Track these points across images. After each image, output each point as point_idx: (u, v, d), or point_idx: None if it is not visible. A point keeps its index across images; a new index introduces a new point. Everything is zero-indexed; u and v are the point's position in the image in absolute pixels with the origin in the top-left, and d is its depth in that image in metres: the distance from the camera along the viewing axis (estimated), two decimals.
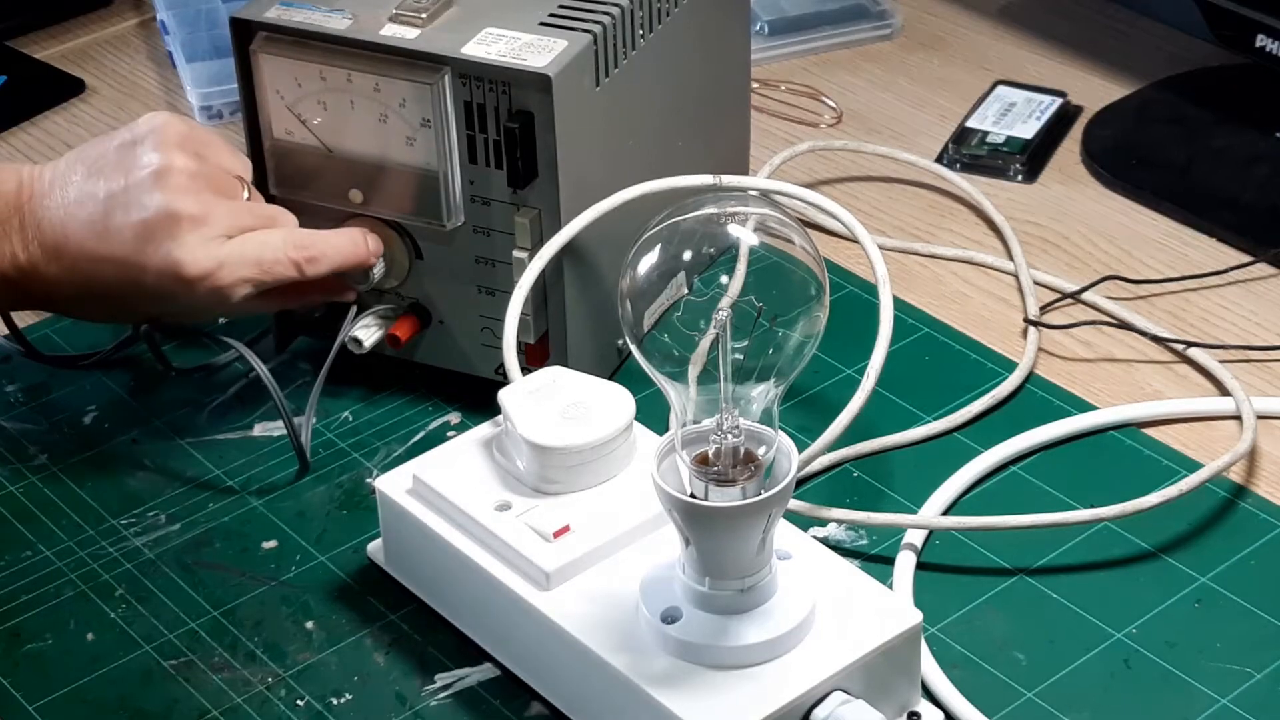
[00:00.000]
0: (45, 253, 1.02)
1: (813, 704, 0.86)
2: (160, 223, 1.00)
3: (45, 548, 1.03)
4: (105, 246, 1.01)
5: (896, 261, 1.22)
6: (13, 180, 1.03)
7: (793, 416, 1.08)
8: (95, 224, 1.01)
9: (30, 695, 0.94)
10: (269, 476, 1.07)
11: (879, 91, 1.40)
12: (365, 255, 1.06)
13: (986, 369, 1.13)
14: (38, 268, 1.02)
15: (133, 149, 1.02)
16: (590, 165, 1.05)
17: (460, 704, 0.94)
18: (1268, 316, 1.17)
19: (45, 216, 1.02)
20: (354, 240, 1.06)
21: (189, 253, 1.00)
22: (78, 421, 1.11)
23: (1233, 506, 1.03)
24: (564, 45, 1.02)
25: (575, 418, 0.95)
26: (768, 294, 0.85)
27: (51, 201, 1.02)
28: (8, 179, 1.03)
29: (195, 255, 1.00)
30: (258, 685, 0.95)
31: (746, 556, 0.86)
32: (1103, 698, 0.93)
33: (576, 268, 1.06)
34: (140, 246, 1.00)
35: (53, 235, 1.01)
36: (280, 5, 1.06)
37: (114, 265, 1.01)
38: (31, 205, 1.02)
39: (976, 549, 1.01)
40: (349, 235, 1.06)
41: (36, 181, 1.03)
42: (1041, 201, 1.28)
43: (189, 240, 1.00)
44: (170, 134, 1.03)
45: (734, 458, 0.85)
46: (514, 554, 0.92)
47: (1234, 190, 1.27)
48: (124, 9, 1.53)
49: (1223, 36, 1.31)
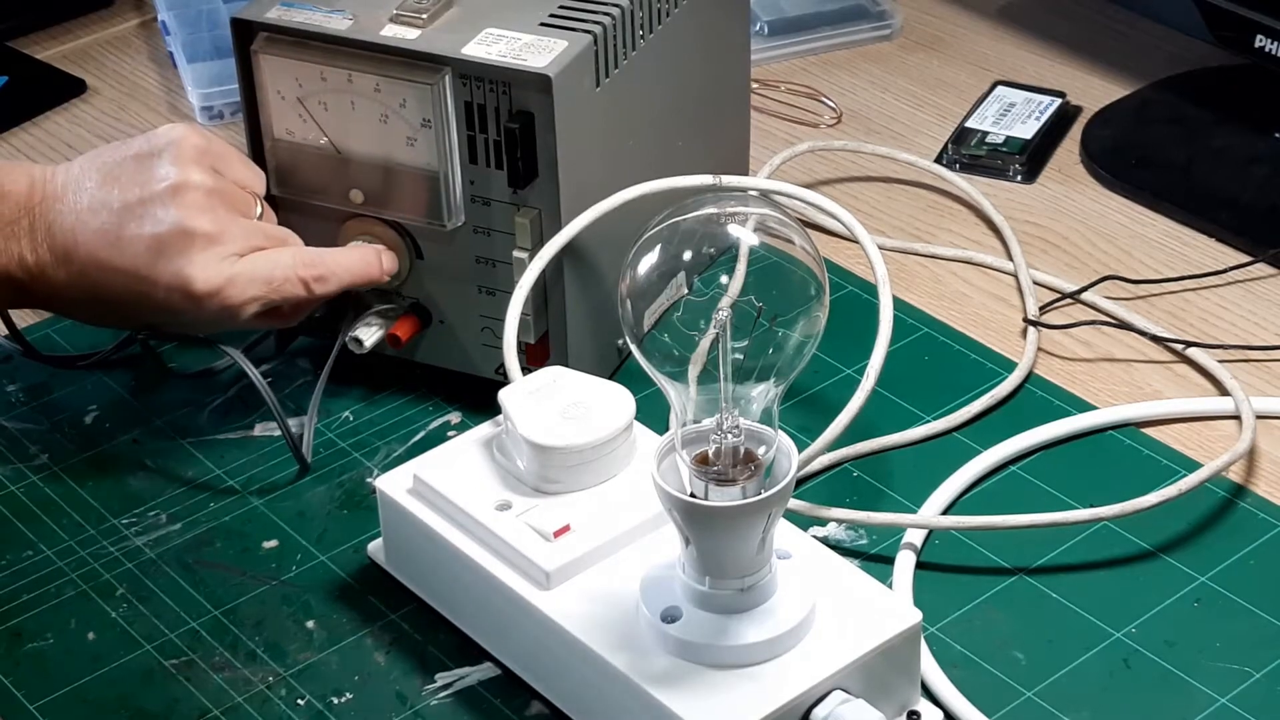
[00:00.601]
0: (54, 256, 1.02)
1: (812, 703, 0.87)
2: (173, 239, 1.01)
3: (46, 547, 1.03)
4: (117, 256, 1.01)
5: (896, 261, 1.22)
6: (24, 181, 1.03)
7: (793, 416, 1.08)
8: (108, 233, 1.01)
9: (31, 694, 0.95)
10: (270, 476, 1.07)
11: (878, 92, 1.40)
12: (378, 274, 1.06)
13: (986, 369, 1.13)
14: (45, 271, 1.02)
15: (150, 161, 1.02)
16: (590, 165, 1.05)
17: (460, 703, 0.94)
18: (1267, 316, 1.17)
19: (56, 220, 1.02)
20: (365, 259, 1.06)
21: (200, 270, 1.01)
22: (79, 421, 1.11)
23: (1232, 506, 1.03)
24: (564, 45, 1.02)
25: (575, 418, 0.95)
26: (768, 294, 0.85)
27: (64, 206, 1.02)
28: (19, 179, 1.03)
29: (206, 273, 1.01)
30: (258, 685, 0.95)
31: (746, 556, 0.86)
32: (1102, 697, 0.93)
33: (577, 268, 1.06)
34: (152, 260, 1.01)
35: (63, 240, 1.02)
36: (281, 6, 1.06)
37: (124, 276, 1.01)
38: (43, 208, 1.02)
39: (976, 549, 1.01)
40: (359, 254, 1.06)
41: (48, 183, 1.03)
42: (1041, 202, 1.28)
43: (200, 258, 1.01)
44: (188, 148, 1.03)
45: (734, 457, 0.85)
46: (514, 553, 0.92)
47: (1233, 190, 1.27)
48: (125, 9, 1.53)
49: (1222, 37, 1.31)
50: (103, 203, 1.01)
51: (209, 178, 1.02)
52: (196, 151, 1.03)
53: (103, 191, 1.02)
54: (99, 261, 1.01)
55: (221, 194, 1.02)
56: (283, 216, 1.08)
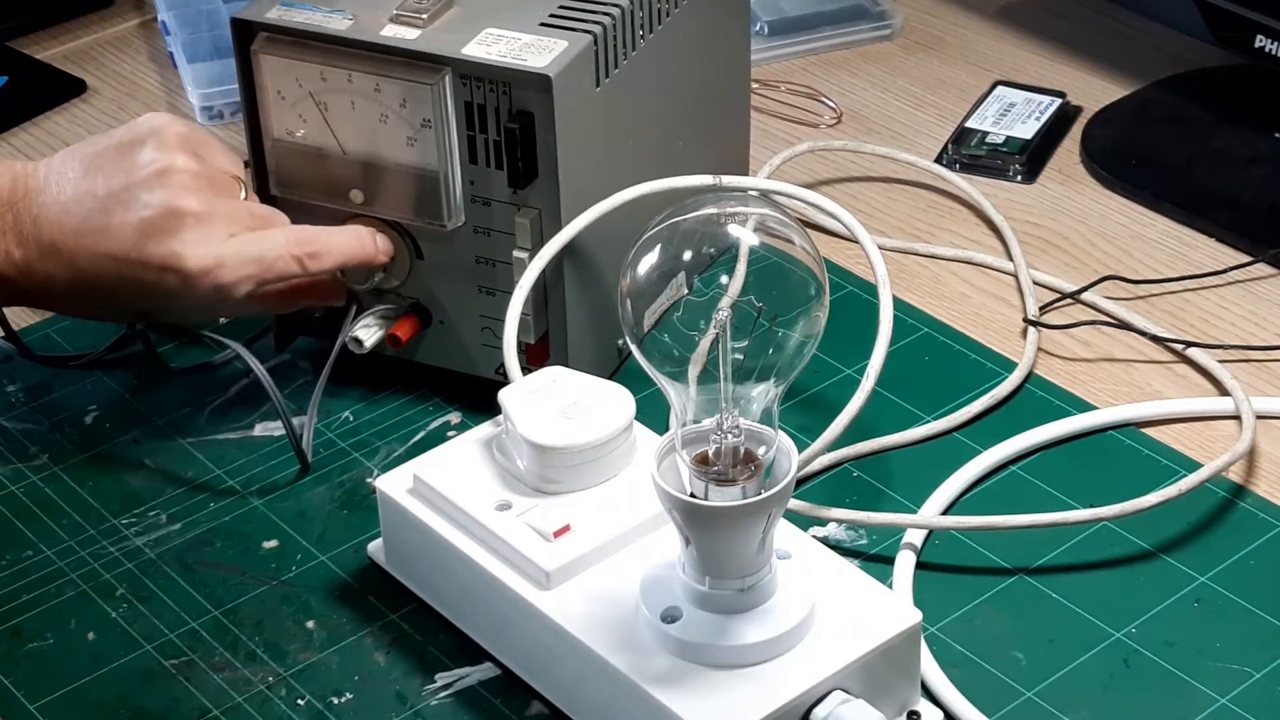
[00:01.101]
0: (41, 250, 1.02)
1: (813, 703, 0.87)
2: (163, 219, 1.00)
3: (46, 547, 1.03)
4: (105, 243, 1.01)
5: (896, 261, 1.22)
6: (6, 177, 1.03)
7: (793, 416, 1.08)
8: (94, 221, 1.01)
9: (31, 694, 0.95)
10: (270, 476, 1.07)
11: (878, 92, 1.40)
12: (373, 253, 1.06)
13: (986, 369, 1.13)
14: (32, 264, 1.02)
15: (133, 148, 1.02)
16: (590, 165, 1.05)
17: (461, 703, 0.94)
18: (1267, 316, 1.17)
19: (40, 214, 1.02)
20: (359, 237, 1.06)
21: (191, 249, 1.01)
22: (79, 421, 1.11)
23: (1232, 506, 1.03)
24: (564, 46, 1.02)
25: (575, 418, 0.95)
26: (768, 294, 0.85)
27: (47, 198, 1.02)
28: (1, 175, 1.03)
29: (197, 251, 1.01)
30: (258, 685, 0.95)
31: (746, 556, 0.86)
32: (1102, 697, 0.93)
33: (577, 268, 1.06)
34: (141, 243, 1.01)
35: (49, 232, 1.01)
36: (281, 6, 1.06)
37: (114, 261, 1.01)
38: (25, 203, 1.02)
39: (976, 549, 1.01)
40: (353, 232, 1.06)
41: (30, 178, 1.03)
42: (1041, 202, 1.28)
43: (191, 236, 1.01)
44: (171, 134, 1.03)
45: (734, 457, 0.85)
46: (514, 553, 0.92)
47: (1233, 190, 1.27)
48: (125, 9, 1.53)
49: (1222, 37, 1.31)
50: (87, 191, 1.01)
51: (193, 161, 1.02)
52: (179, 138, 1.03)
53: (86, 181, 1.02)
54: (88, 250, 1.01)
55: (208, 177, 1.02)
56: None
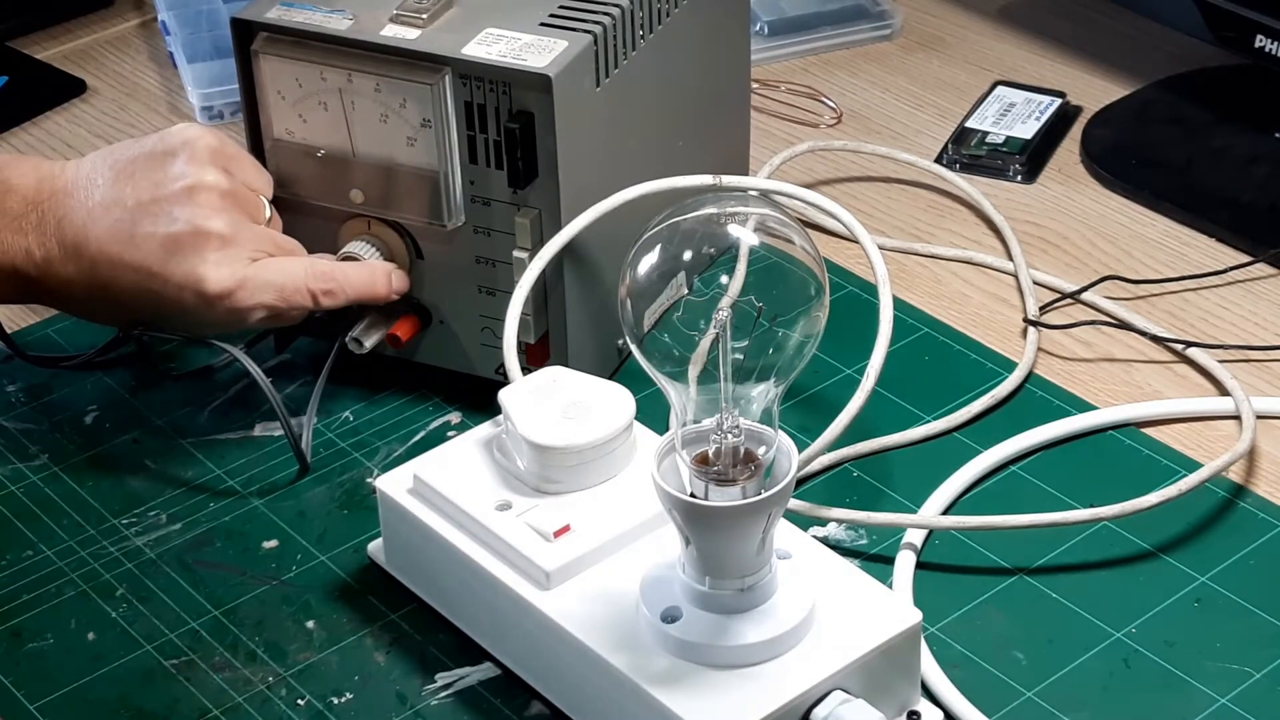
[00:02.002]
0: (64, 251, 1.02)
1: (812, 703, 0.87)
2: (189, 238, 1.01)
3: (46, 547, 1.03)
4: (129, 253, 1.01)
5: (896, 261, 1.22)
6: (31, 176, 1.03)
7: (793, 416, 1.08)
8: (120, 230, 1.01)
9: (31, 694, 0.95)
10: (270, 476, 1.07)
11: (878, 92, 1.40)
12: (385, 293, 1.06)
13: (986, 369, 1.13)
14: (53, 265, 1.02)
15: (164, 160, 1.03)
16: (590, 165, 1.05)
17: (461, 703, 0.94)
18: (1267, 316, 1.17)
19: (66, 216, 1.02)
20: (374, 275, 1.06)
21: (213, 270, 1.01)
22: (79, 421, 1.11)
23: (1232, 506, 1.03)
24: (564, 45, 1.02)
25: (575, 418, 0.95)
26: (768, 294, 0.85)
27: (74, 201, 1.02)
28: (26, 174, 1.03)
29: (219, 273, 1.01)
30: (258, 684, 0.95)
31: (746, 556, 0.86)
32: (1102, 697, 0.93)
33: (576, 268, 1.06)
34: (165, 259, 1.01)
35: (74, 235, 1.02)
36: (281, 6, 1.06)
37: (135, 273, 1.01)
38: (51, 203, 1.02)
39: (976, 549, 1.01)
40: (370, 269, 1.06)
41: (57, 179, 1.03)
42: (1041, 202, 1.28)
43: (214, 258, 1.01)
44: (202, 148, 1.03)
45: (734, 457, 0.85)
46: (514, 553, 0.92)
47: (1233, 190, 1.27)
48: (125, 9, 1.53)
49: (1222, 37, 1.31)
50: (115, 200, 1.02)
51: (223, 179, 1.03)
52: (210, 152, 1.03)
53: (115, 189, 1.02)
54: (110, 257, 1.01)
55: (235, 196, 1.03)
56: (283, 216, 1.08)
